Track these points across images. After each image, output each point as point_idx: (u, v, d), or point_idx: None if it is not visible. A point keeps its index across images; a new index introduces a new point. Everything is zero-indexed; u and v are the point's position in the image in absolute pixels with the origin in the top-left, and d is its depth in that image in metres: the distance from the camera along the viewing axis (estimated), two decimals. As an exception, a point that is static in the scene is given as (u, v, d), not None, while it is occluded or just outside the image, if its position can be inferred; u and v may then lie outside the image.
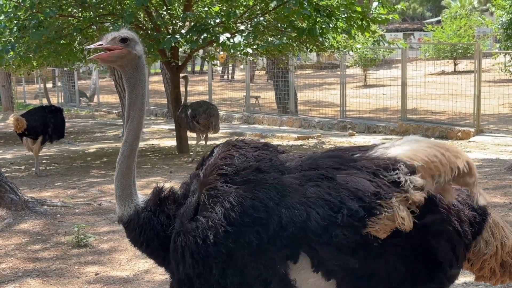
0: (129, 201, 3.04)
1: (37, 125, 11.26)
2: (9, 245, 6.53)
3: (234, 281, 2.74)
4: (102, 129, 21.08)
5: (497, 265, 3.05)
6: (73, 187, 9.83)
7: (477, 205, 2.91)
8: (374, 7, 12.40)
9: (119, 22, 11.14)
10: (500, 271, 3.07)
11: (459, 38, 29.82)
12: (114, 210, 7.79)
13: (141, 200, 3.06)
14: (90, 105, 28.36)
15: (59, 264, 5.88)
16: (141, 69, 3.11)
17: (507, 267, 3.06)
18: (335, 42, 13.24)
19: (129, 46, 3.06)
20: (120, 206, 3.04)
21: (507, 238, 3.05)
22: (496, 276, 3.07)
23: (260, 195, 2.72)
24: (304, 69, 27.20)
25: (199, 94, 23.37)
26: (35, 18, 10.64)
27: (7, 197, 7.61)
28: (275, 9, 11.86)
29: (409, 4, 55.78)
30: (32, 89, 33.52)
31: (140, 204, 3.04)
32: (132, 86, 3.09)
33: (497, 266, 3.05)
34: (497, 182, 8.82)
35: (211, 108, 12.57)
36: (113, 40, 3.05)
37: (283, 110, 19.24)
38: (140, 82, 3.10)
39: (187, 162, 12.17)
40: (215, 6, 12.36)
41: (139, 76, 3.10)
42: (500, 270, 3.06)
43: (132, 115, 3.08)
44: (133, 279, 5.44)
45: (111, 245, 6.40)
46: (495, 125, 15.83)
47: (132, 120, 3.08)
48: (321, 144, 14.51)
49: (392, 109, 18.94)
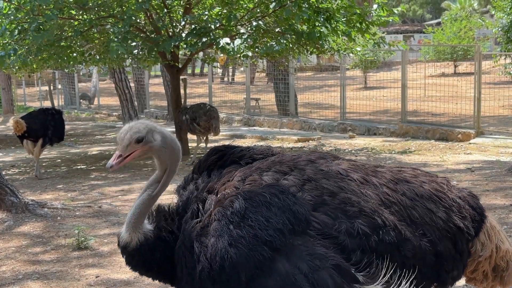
0: (140, 227, 3.01)
1: (37, 127, 11.27)
2: (10, 248, 6.53)
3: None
4: (103, 132, 21.07)
5: (490, 269, 3.07)
6: (73, 190, 9.83)
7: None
8: (374, 9, 12.41)
9: (120, 25, 11.15)
10: (492, 275, 3.08)
11: (459, 40, 29.85)
12: (114, 212, 7.84)
13: (148, 226, 3.04)
14: (91, 107, 28.38)
15: (60, 267, 5.88)
16: (167, 150, 3.08)
17: (499, 271, 3.08)
18: (335, 45, 13.25)
19: (148, 141, 3.00)
20: (130, 232, 3.00)
21: (502, 242, 3.06)
22: (488, 280, 3.09)
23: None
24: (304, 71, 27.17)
25: (199, 96, 23.39)
26: (36, 20, 10.65)
27: (8, 199, 7.61)
28: (274, 12, 11.87)
29: (409, 6, 55.82)
30: (33, 91, 33.53)
31: (149, 230, 3.03)
32: (165, 164, 3.10)
33: (490, 269, 3.07)
34: (497, 184, 8.83)
35: (212, 110, 12.58)
36: (129, 145, 2.99)
37: (283, 112, 19.24)
38: (172, 158, 3.11)
39: (188, 165, 12.17)
40: (215, 9, 12.37)
41: (169, 155, 3.10)
42: (492, 274, 3.08)
43: (165, 180, 3.09)
44: (134, 282, 5.44)
45: (112, 248, 6.39)
46: (496, 127, 15.82)
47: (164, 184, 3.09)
48: (321, 146, 14.51)
49: (392, 111, 18.94)
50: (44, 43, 11.27)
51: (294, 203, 2.71)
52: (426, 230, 2.81)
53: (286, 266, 2.61)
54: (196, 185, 3.10)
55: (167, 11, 12.42)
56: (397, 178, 2.94)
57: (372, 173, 2.94)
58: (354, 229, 2.66)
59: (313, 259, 2.60)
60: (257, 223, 2.67)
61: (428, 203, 2.88)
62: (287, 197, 2.74)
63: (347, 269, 2.62)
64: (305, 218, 2.68)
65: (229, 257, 2.64)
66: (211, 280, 2.72)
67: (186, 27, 12.48)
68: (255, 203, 2.73)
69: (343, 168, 2.90)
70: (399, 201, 2.83)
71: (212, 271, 2.70)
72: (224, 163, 3.15)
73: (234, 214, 2.71)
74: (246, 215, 2.70)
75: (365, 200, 2.76)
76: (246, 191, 2.81)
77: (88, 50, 13.62)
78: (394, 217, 2.77)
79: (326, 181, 2.79)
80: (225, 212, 2.74)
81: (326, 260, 2.60)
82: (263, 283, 2.62)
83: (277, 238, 2.64)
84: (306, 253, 2.62)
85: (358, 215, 2.70)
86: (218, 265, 2.67)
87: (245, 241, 2.65)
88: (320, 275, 2.58)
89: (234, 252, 2.64)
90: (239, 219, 2.69)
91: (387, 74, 24.22)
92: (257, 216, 2.69)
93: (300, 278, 2.58)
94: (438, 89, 18.31)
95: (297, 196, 2.75)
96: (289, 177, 2.82)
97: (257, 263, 2.62)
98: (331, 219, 2.68)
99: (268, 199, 2.73)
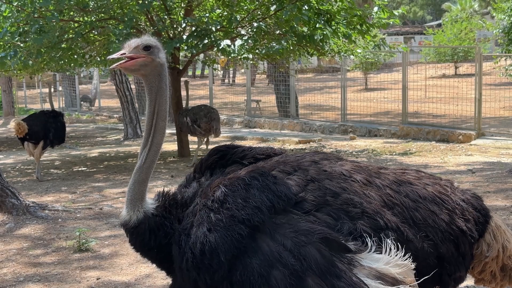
0: (139, 205, 2.97)
1: (38, 129, 11.27)
2: (11, 250, 6.53)
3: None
4: (103, 134, 21.09)
5: (498, 269, 3.06)
6: (74, 192, 9.83)
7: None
8: (375, 12, 12.42)
9: (120, 27, 11.16)
10: (500, 275, 3.07)
11: (459, 41, 29.87)
12: (115, 214, 7.83)
13: (150, 205, 2.99)
14: (91, 109, 28.40)
15: (61, 269, 5.88)
16: (163, 77, 3.02)
17: (507, 271, 3.07)
18: (335, 47, 13.26)
19: (153, 53, 2.98)
20: (128, 209, 2.97)
21: (508, 242, 3.05)
22: (496, 279, 3.08)
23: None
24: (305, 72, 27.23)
25: (200, 98, 23.39)
26: (36, 23, 10.65)
27: (8, 201, 7.61)
28: (275, 13, 11.88)
29: (410, 7, 55.83)
30: (33, 93, 33.55)
31: (150, 209, 2.98)
32: (154, 95, 3.00)
33: (497, 269, 3.06)
34: (498, 185, 8.82)
35: (212, 112, 12.59)
36: (136, 48, 2.96)
37: (284, 113, 19.24)
38: (163, 90, 3.02)
39: (188, 166, 12.17)
40: (216, 11, 12.38)
41: (161, 84, 3.01)
42: (501, 274, 3.07)
43: (156, 124, 3.00)
44: (135, 284, 5.43)
45: (113, 250, 6.39)
46: (496, 128, 15.82)
47: (156, 130, 3.01)
48: (322, 148, 14.50)
49: (393, 113, 18.94)
50: (45, 45, 11.27)
51: (274, 182, 2.74)
52: (428, 232, 2.80)
53: (270, 244, 2.61)
54: (199, 183, 3.09)
55: (167, 13, 12.42)
56: (400, 180, 2.94)
57: (375, 174, 2.94)
58: (356, 231, 2.66)
59: (298, 235, 2.60)
60: (235, 205, 2.70)
61: (431, 205, 2.88)
62: (267, 178, 2.76)
63: (336, 240, 2.61)
64: (285, 195, 2.70)
65: (207, 241, 2.67)
66: (196, 268, 2.73)
67: (186, 29, 12.49)
68: (235, 187, 2.77)
69: (346, 169, 2.91)
70: (402, 203, 2.83)
71: (195, 259, 2.72)
72: (226, 162, 3.14)
73: (214, 202, 2.76)
74: (225, 200, 2.74)
75: (368, 201, 2.75)
76: (227, 179, 2.84)
77: (88, 52, 13.63)
78: (397, 218, 2.76)
79: (329, 182, 2.79)
80: (206, 202, 2.79)
81: (312, 235, 2.60)
82: (247, 263, 2.62)
83: (254, 215, 2.65)
84: (291, 230, 2.62)
85: (360, 216, 2.69)
86: (199, 251, 2.70)
87: (222, 223, 2.68)
88: (306, 250, 2.57)
89: (212, 235, 2.67)
90: (218, 205, 2.73)
91: (388, 76, 24.22)
92: (235, 199, 2.72)
93: (285, 255, 2.58)
94: (439, 90, 18.31)
95: (278, 177, 2.78)
96: (292, 177, 2.82)
97: (235, 242, 2.64)
98: (333, 219, 2.68)
99: (248, 182, 2.77)
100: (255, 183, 2.75)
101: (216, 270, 2.68)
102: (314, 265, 2.56)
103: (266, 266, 2.59)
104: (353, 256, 2.60)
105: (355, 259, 2.60)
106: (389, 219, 2.74)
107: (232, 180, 2.81)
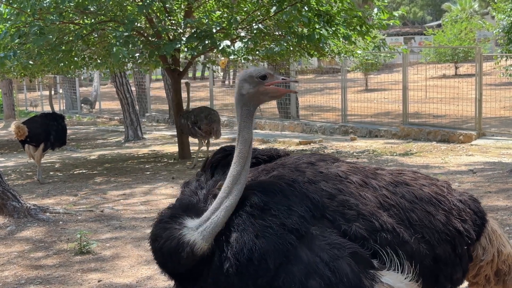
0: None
1: (39, 132, 11.27)
2: (12, 253, 6.53)
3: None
4: (104, 136, 21.10)
5: (492, 273, 3.06)
6: (75, 194, 9.83)
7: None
8: (375, 13, 12.42)
9: (121, 29, 11.16)
10: (495, 279, 3.07)
11: (460, 41, 29.86)
12: (116, 216, 7.85)
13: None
14: (92, 111, 28.42)
15: (62, 271, 5.88)
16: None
17: (501, 275, 3.07)
18: (335, 48, 13.25)
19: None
20: (208, 242, 2.75)
21: (503, 246, 3.05)
22: (490, 284, 3.08)
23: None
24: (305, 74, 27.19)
25: (201, 99, 23.40)
26: (36, 25, 10.66)
27: (10, 204, 7.61)
28: (275, 15, 11.88)
29: (410, 8, 55.85)
30: (34, 96, 33.57)
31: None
32: (250, 123, 2.89)
33: (492, 274, 3.05)
34: (499, 185, 8.82)
35: (213, 113, 12.60)
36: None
37: (285, 115, 19.24)
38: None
39: (189, 168, 12.18)
40: (216, 13, 12.38)
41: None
42: (495, 278, 3.07)
43: (245, 152, 2.83)
44: (136, 286, 5.43)
45: (114, 252, 6.39)
46: (497, 128, 15.82)
47: (247, 160, 2.83)
48: (323, 149, 14.50)
49: (393, 113, 18.93)
50: (45, 47, 11.28)
51: (309, 190, 2.75)
52: (425, 233, 2.80)
53: (308, 254, 2.64)
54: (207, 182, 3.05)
55: (167, 15, 12.43)
56: (396, 181, 2.94)
57: (371, 175, 2.94)
58: (351, 232, 2.67)
59: (332, 248, 2.64)
60: (280, 212, 2.69)
61: (428, 206, 2.88)
62: (300, 186, 2.76)
63: (363, 256, 2.65)
64: (322, 205, 2.71)
65: (257, 248, 2.64)
66: (239, 274, 2.68)
67: (186, 30, 12.49)
68: (272, 193, 2.75)
69: (342, 170, 2.91)
70: (398, 204, 2.83)
71: (240, 265, 2.67)
72: (229, 162, 3.14)
73: (253, 207, 2.72)
74: (266, 206, 2.72)
75: (364, 203, 2.75)
76: (257, 185, 2.82)
77: (88, 54, 13.64)
78: (393, 219, 2.77)
79: (325, 183, 2.80)
80: (243, 207, 2.74)
81: (344, 249, 2.63)
82: (289, 270, 2.64)
83: (302, 225, 2.66)
84: (325, 242, 2.65)
85: (356, 218, 2.70)
86: (246, 258, 2.65)
87: (272, 230, 2.66)
88: (339, 263, 2.61)
89: (261, 242, 2.65)
90: (259, 211, 2.71)
91: (388, 76, 24.23)
92: (277, 205, 2.71)
93: (322, 266, 2.61)
94: (439, 90, 18.32)
95: (308, 185, 2.79)
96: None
97: (285, 251, 2.64)
98: (329, 221, 2.69)
99: (285, 188, 2.75)
100: (292, 190, 2.75)
101: (260, 276, 2.66)
102: (345, 278, 2.60)
103: (305, 275, 2.61)
104: (375, 272, 2.65)
105: (377, 275, 2.65)
106: (385, 220, 2.74)
107: (264, 185, 2.78)
